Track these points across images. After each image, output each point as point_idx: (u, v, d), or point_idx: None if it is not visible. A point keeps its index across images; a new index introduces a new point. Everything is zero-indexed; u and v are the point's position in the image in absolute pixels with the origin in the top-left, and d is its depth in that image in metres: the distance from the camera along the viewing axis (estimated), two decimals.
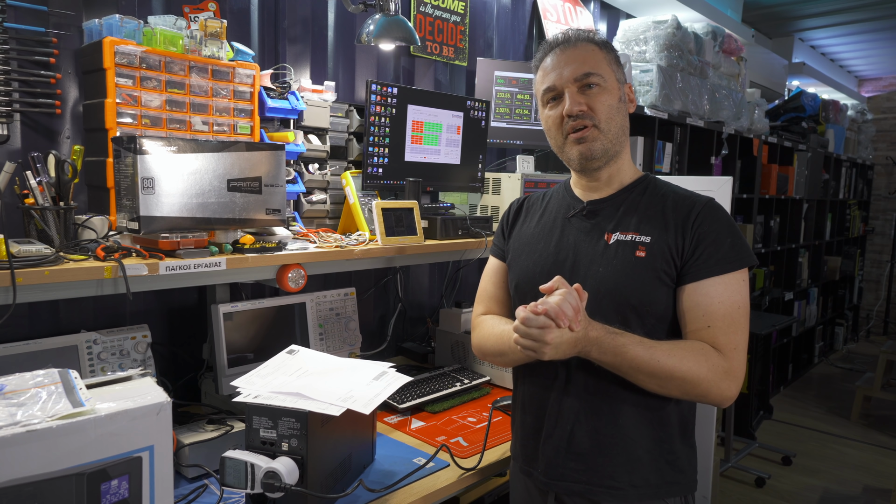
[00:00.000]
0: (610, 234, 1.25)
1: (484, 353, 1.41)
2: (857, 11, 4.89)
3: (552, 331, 1.08)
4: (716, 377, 1.13)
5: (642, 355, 1.12)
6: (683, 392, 1.15)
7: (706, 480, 2.04)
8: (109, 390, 0.96)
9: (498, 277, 1.46)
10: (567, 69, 1.25)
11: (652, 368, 1.13)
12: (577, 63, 1.24)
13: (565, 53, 1.26)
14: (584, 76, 1.23)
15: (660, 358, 1.12)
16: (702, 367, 1.13)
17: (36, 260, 1.18)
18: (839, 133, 5.86)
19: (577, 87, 1.24)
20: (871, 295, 7.34)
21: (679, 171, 3.53)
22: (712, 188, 1.93)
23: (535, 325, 1.08)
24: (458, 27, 2.67)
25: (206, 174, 1.39)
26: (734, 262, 1.18)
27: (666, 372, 1.13)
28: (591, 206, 1.31)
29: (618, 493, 1.22)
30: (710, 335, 1.16)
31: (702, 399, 1.16)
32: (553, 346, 1.09)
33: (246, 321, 1.71)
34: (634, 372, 1.14)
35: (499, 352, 1.34)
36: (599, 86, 1.24)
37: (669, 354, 1.13)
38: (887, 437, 4.24)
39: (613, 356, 1.13)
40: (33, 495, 0.81)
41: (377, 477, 1.42)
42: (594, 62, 1.25)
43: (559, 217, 1.35)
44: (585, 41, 1.27)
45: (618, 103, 1.26)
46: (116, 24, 1.48)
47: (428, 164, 2.13)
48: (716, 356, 1.15)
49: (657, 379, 1.14)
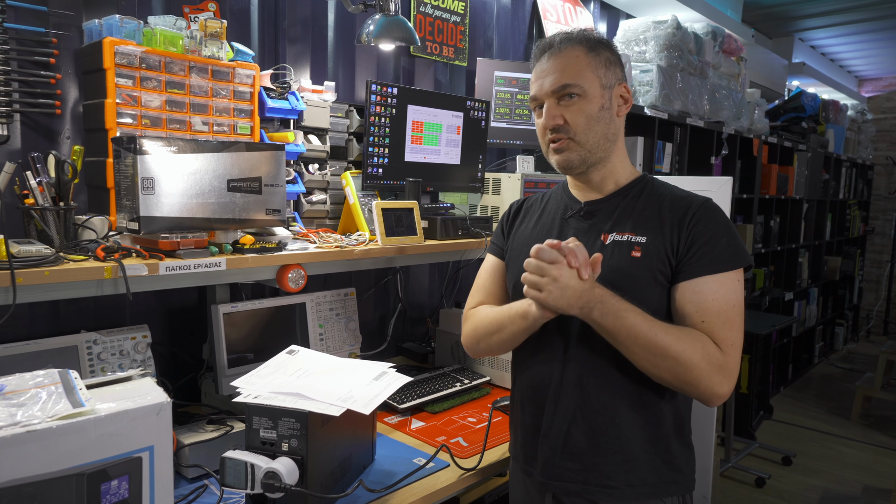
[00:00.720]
0: (607, 235, 1.26)
1: (478, 337, 1.37)
2: (857, 11, 4.89)
3: (562, 267, 1.09)
4: (709, 367, 1.12)
5: (642, 325, 1.12)
6: (674, 375, 1.13)
7: (706, 480, 2.04)
8: (109, 390, 0.96)
9: (495, 275, 1.45)
10: (548, 80, 1.25)
11: (648, 340, 1.11)
12: (557, 73, 1.25)
13: (549, 61, 1.27)
14: (561, 88, 1.24)
15: (658, 331, 1.12)
16: (697, 352, 1.12)
17: (36, 260, 1.18)
18: (839, 133, 5.86)
19: (555, 99, 1.25)
20: (871, 295, 7.34)
21: (679, 172, 3.53)
22: (712, 188, 1.94)
23: (546, 259, 1.09)
24: (458, 27, 2.67)
25: (206, 174, 1.39)
26: (729, 262, 1.18)
27: (661, 348, 1.11)
28: (588, 206, 1.31)
29: (615, 492, 1.22)
30: (705, 330, 1.15)
31: (692, 387, 1.13)
32: (559, 287, 1.09)
33: (246, 321, 1.71)
34: (630, 342, 1.12)
35: (496, 327, 1.31)
36: (578, 96, 1.24)
37: (667, 332, 1.12)
38: (887, 438, 4.24)
39: (615, 319, 1.12)
40: (33, 495, 0.81)
41: (377, 477, 1.42)
42: (575, 71, 1.24)
43: (557, 217, 1.35)
44: (573, 44, 1.26)
45: (599, 111, 1.25)
46: (116, 25, 1.48)
47: (428, 164, 2.13)
48: (713, 347, 1.14)
49: (651, 354, 1.12)
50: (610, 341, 1.16)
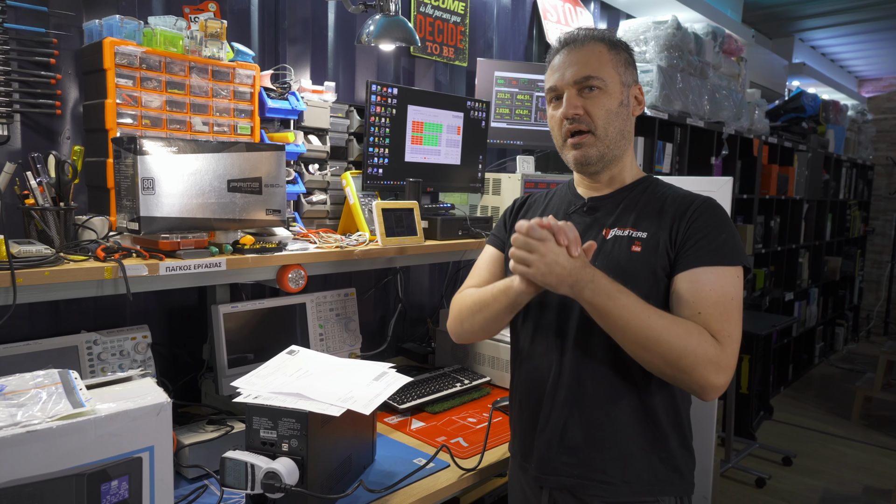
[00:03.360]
0: (608, 230, 1.26)
1: (461, 318, 1.35)
2: (857, 11, 4.89)
3: (550, 244, 1.07)
4: (703, 356, 1.08)
5: (635, 307, 1.09)
6: (666, 362, 1.09)
7: (706, 481, 2.04)
8: (109, 391, 0.96)
9: (493, 266, 1.43)
10: (569, 70, 1.25)
11: (641, 323, 1.08)
12: (579, 65, 1.24)
13: (572, 54, 1.26)
14: (584, 79, 1.23)
15: (651, 314, 1.09)
16: (691, 339, 1.08)
17: (36, 260, 1.19)
18: (839, 133, 5.86)
19: (576, 90, 1.25)
20: (871, 295, 7.34)
21: (679, 172, 3.53)
22: (712, 188, 1.94)
23: (535, 236, 1.07)
24: (459, 28, 2.67)
25: (207, 175, 1.39)
26: (727, 257, 1.17)
27: (653, 333, 1.08)
28: (591, 202, 1.32)
29: (609, 487, 1.22)
30: (701, 321, 1.12)
31: (685, 375, 1.09)
32: (547, 262, 1.07)
33: (246, 321, 1.71)
34: (622, 325, 1.09)
35: (479, 306, 1.29)
36: (600, 89, 1.24)
37: (661, 316, 1.10)
38: (888, 438, 4.23)
39: (606, 299, 1.09)
40: (33, 496, 0.81)
41: (377, 477, 1.42)
42: (597, 64, 1.24)
43: (560, 213, 1.35)
44: (595, 40, 1.27)
45: (618, 107, 1.25)
46: (116, 25, 1.48)
47: (428, 164, 2.13)
48: (708, 337, 1.10)
49: (643, 338, 1.09)
50: (601, 324, 1.13)
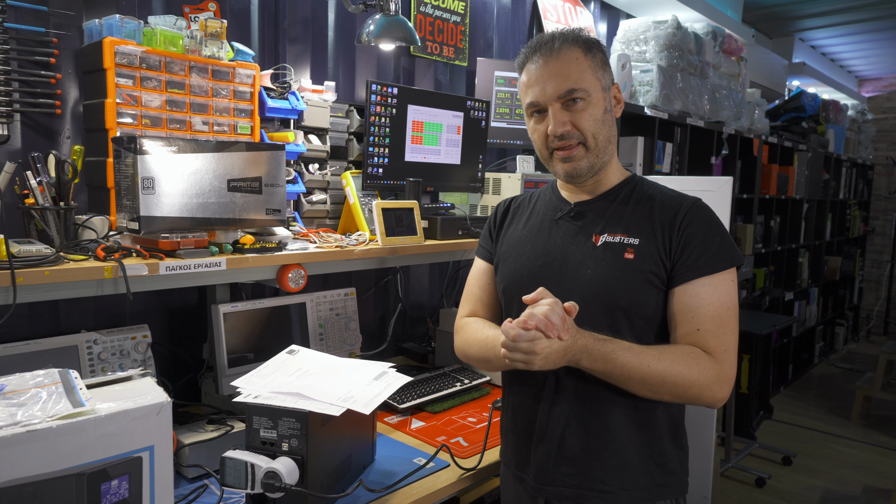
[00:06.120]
0: (598, 236, 1.24)
1: (468, 358, 1.39)
2: (857, 11, 4.89)
3: (541, 341, 1.07)
4: (707, 380, 1.13)
5: (632, 361, 1.12)
6: (675, 396, 1.15)
7: (706, 481, 2.03)
8: (109, 390, 0.96)
9: (484, 280, 1.44)
10: (550, 84, 1.20)
11: (643, 374, 1.12)
12: (560, 77, 1.19)
13: (549, 65, 1.21)
14: (567, 93, 1.19)
15: (650, 363, 1.12)
16: (692, 370, 1.13)
17: (36, 260, 1.18)
18: (839, 133, 5.86)
19: (560, 104, 1.21)
20: (871, 295, 7.34)
21: (679, 172, 3.53)
22: (712, 188, 1.94)
23: (524, 339, 1.07)
24: (459, 27, 2.66)
25: (207, 174, 1.39)
26: (723, 262, 1.18)
27: (657, 377, 1.12)
28: (578, 207, 1.30)
29: (608, 496, 1.22)
30: (700, 339, 1.16)
31: (694, 402, 1.16)
32: (543, 357, 1.08)
33: (246, 321, 1.71)
34: (626, 378, 1.13)
35: (484, 359, 1.32)
36: (584, 100, 1.20)
37: (659, 359, 1.13)
38: (888, 438, 4.23)
39: (604, 363, 1.12)
40: (33, 495, 0.81)
41: (377, 477, 1.42)
42: (578, 74, 1.20)
43: (546, 219, 1.34)
44: (570, 45, 1.21)
45: (603, 115, 1.23)
46: (116, 25, 1.48)
47: (428, 164, 2.13)
48: (706, 360, 1.14)
49: (648, 384, 1.13)
50: (605, 380, 1.16)
